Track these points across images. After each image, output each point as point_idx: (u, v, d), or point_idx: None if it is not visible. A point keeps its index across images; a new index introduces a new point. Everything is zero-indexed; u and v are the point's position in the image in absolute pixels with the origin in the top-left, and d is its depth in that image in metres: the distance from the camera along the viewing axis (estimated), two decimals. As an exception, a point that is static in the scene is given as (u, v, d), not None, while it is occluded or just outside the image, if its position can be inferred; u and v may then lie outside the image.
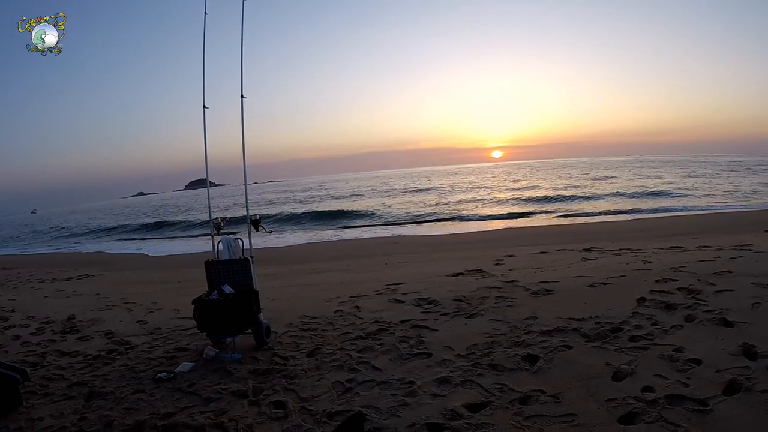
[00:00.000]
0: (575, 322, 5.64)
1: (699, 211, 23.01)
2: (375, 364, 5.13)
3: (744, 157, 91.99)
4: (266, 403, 4.49)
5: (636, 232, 15.75)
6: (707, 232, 13.75)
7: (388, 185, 66.35)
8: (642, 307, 5.89)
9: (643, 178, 45.45)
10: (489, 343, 5.30)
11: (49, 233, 45.51)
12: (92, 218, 62.28)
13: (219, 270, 6.27)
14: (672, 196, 29.72)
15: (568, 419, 3.62)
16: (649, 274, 7.43)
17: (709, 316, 5.23)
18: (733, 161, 72.48)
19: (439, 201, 37.53)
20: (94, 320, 8.26)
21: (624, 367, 4.32)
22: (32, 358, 6.44)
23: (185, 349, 6.30)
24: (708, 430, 3.26)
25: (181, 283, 11.91)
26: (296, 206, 46.02)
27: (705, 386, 3.81)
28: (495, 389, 4.23)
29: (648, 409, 3.57)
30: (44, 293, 11.89)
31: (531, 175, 64.85)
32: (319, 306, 7.77)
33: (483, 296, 7.19)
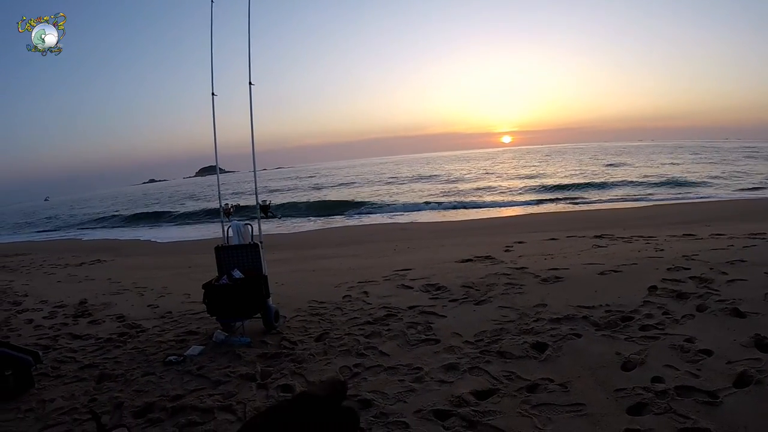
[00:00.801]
0: (585, 310, 5.60)
1: (712, 198, 22.82)
2: (382, 349, 5.13)
3: (758, 143, 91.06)
4: (274, 387, 4.52)
5: (648, 219, 15.60)
6: (720, 220, 13.59)
7: (395, 171, 66.02)
8: (653, 296, 5.84)
9: (655, 164, 44.98)
10: (497, 331, 5.28)
11: (62, 220, 45.72)
12: (104, 205, 62.59)
13: (229, 255, 6.29)
14: (685, 183, 29.41)
15: (575, 409, 3.59)
16: (660, 262, 7.36)
17: (721, 306, 5.17)
18: (747, 147, 71.73)
19: (446, 189, 37.32)
20: (106, 304, 8.31)
21: (634, 356, 4.28)
22: (45, 341, 6.50)
23: (195, 332, 6.33)
24: (717, 423, 3.21)
25: (192, 269, 11.95)
26: (304, 193, 45.96)
27: (715, 378, 3.77)
28: (503, 377, 4.21)
29: (657, 401, 3.53)
30: (57, 278, 11.98)
31: (541, 161, 64.31)
32: (328, 291, 7.78)
33: (492, 283, 7.15)
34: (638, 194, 25.91)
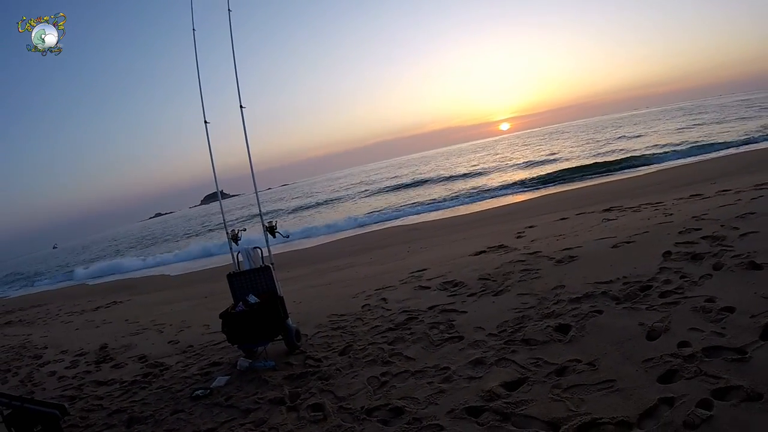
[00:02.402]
0: (603, 285, 5.59)
1: (715, 153, 22.77)
2: (407, 354, 5.13)
3: (752, 95, 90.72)
4: (304, 407, 4.52)
5: (653, 185, 15.57)
6: (725, 176, 13.55)
7: (395, 174, 65.84)
8: (668, 261, 5.82)
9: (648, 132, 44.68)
10: (519, 319, 5.28)
11: (72, 265, 45.85)
12: (112, 246, 62.80)
13: (242, 281, 6.30)
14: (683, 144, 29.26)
15: (607, 385, 3.58)
16: (671, 226, 7.34)
17: (737, 262, 5.17)
18: (740, 100, 71.45)
19: (450, 184, 37.18)
20: (127, 346, 8.33)
21: (657, 324, 4.27)
22: (70, 392, 6.52)
23: (219, 363, 6.35)
24: (749, 378, 3.20)
25: (208, 298, 11.98)
26: (308, 209, 45.90)
27: (741, 334, 3.76)
28: (530, 364, 4.21)
29: (686, 365, 3.53)
30: (75, 325, 12.01)
31: (539, 145, 64.13)
32: (346, 303, 7.78)
33: (508, 271, 7.15)
34: (637, 161, 25.87)
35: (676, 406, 3.14)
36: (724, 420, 2.92)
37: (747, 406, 2.98)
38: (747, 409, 2.95)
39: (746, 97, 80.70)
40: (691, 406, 3.09)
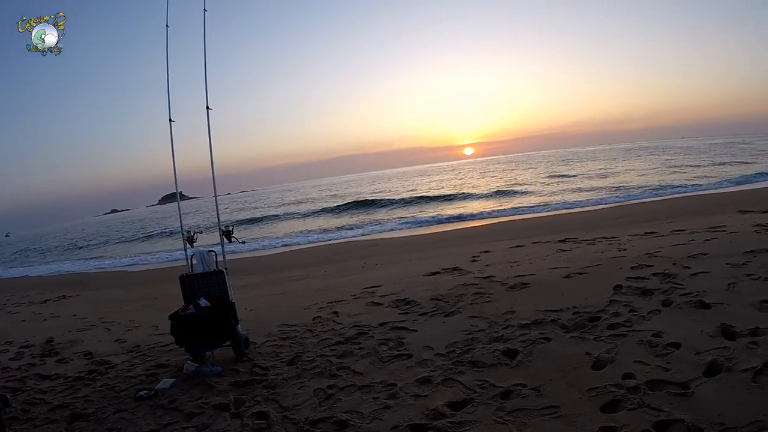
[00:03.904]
0: (553, 313, 5.65)
1: (670, 195, 23.26)
2: (355, 368, 5.08)
3: (708, 139, 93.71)
4: (248, 415, 4.43)
5: (610, 220, 15.84)
6: (680, 216, 13.85)
7: (357, 188, 66.05)
8: (619, 295, 5.93)
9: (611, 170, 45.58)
10: (468, 340, 5.29)
11: (25, 255, 44.79)
12: (66, 238, 61.30)
13: (194, 283, 6.18)
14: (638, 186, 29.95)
15: (550, 411, 3.60)
16: (624, 261, 7.48)
17: (686, 299, 5.28)
18: (706, 144, 73.67)
19: (414, 205, 37.29)
20: (73, 341, 8.11)
21: (603, 355, 4.32)
22: (13, 384, 6.29)
23: (165, 365, 6.20)
24: (691, 412, 3.25)
25: (158, 299, 11.74)
26: (269, 214, 45.56)
27: (686, 369, 3.82)
28: (476, 386, 4.21)
29: (630, 396, 3.56)
30: (21, 317, 11.66)
31: (503, 171, 65.05)
32: (298, 314, 7.70)
33: (460, 294, 7.17)
34: (597, 197, 26.33)
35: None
36: (664, 452, 2.96)
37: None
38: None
39: (712, 141, 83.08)
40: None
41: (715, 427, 3.08)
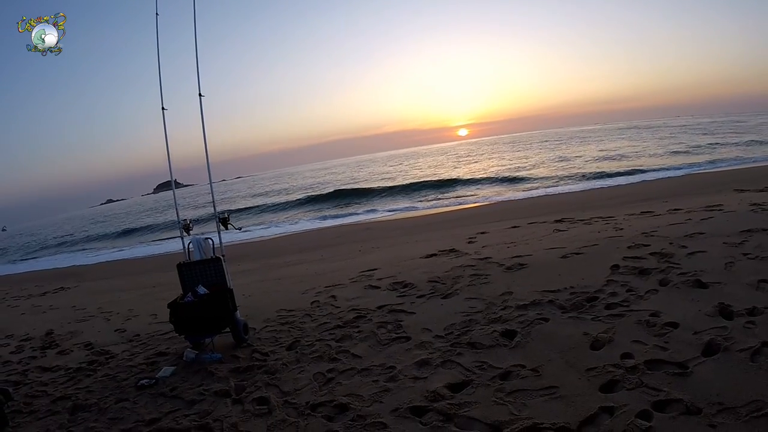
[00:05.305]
0: (550, 294, 5.66)
1: (667, 174, 23.24)
2: (354, 352, 5.09)
3: (703, 118, 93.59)
4: (249, 401, 4.44)
5: (606, 200, 15.85)
6: (677, 195, 13.84)
7: (354, 173, 65.86)
8: (616, 275, 5.93)
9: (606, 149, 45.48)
10: (466, 322, 5.30)
11: (22, 249, 44.56)
12: (64, 230, 61.04)
13: (191, 271, 6.18)
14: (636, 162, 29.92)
15: (549, 392, 3.61)
16: (621, 240, 7.48)
17: (684, 279, 5.29)
18: (700, 122, 73.55)
19: (408, 186, 37.18)
20: (73, 333, 8.11)
21: (602, 335, 4.33)
22: (14, 377, 6.29)
23: (165, 353, 6.21)
24: (689, 392, 3.26)
25: (156, 288, 11.74)
26: (265, 200, 45.44)
27: (683, 349, 3.83)
28: (475, 367, 4.22)
29: (628, 376, 3.58)
30: (20, 310, 11.64)
31: (497, 152, 64.98)
32: (296, 298, 7.71)
33: (457, 275, 7.18)
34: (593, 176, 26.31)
35: (616, 415, 3.18)
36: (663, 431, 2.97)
37: (686, 420, 3.02)
38: (686, 423, 3.00)
39: (710, 120, 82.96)
40: (631, 416, 3.13)
41: (713, 406, 3.10)
